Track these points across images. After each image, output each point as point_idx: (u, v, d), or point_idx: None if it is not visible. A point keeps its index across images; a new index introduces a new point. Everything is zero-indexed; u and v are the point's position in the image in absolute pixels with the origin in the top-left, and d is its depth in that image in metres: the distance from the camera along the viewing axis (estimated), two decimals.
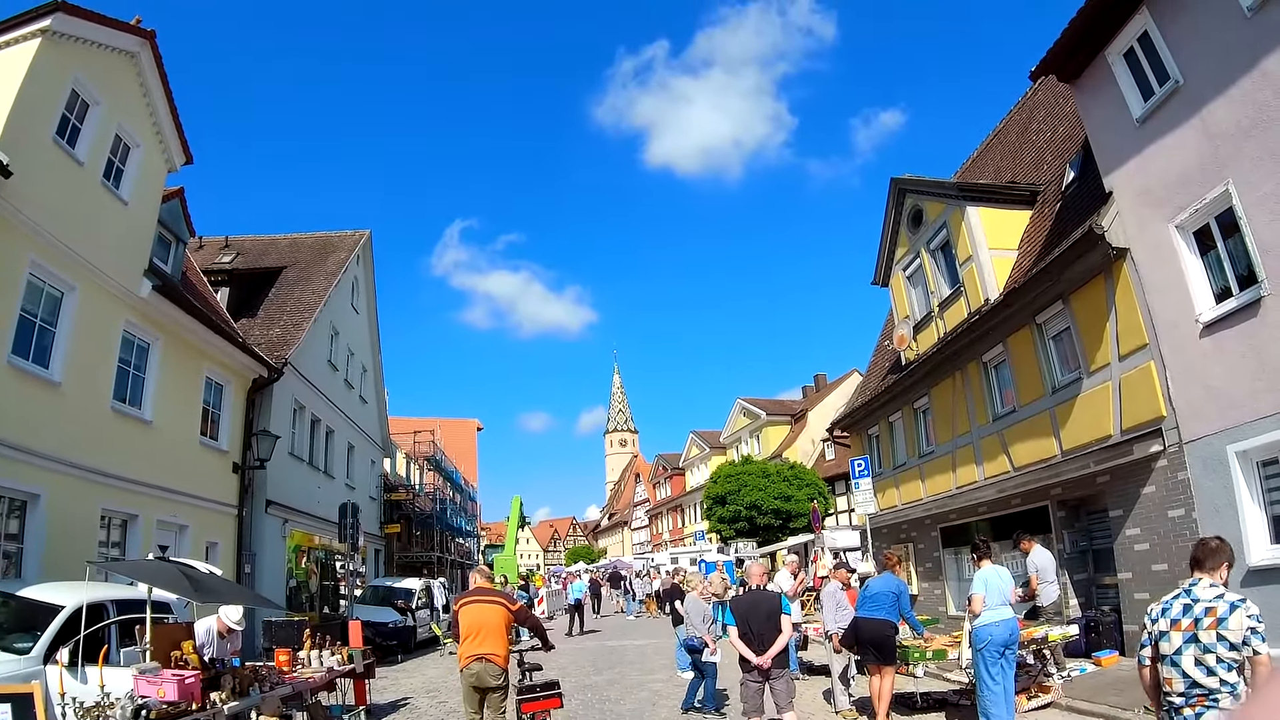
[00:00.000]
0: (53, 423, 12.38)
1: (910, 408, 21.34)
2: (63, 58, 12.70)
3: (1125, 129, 12.50)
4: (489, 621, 8.01)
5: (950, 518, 19.40)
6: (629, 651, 19.98)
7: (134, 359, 14.95)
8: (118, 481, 13.89)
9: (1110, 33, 12.46)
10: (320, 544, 23.27)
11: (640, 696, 13.03)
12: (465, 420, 69.47)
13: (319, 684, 10.34)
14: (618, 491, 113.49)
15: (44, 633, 8.22)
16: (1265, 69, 9.90)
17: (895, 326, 21.33)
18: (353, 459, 28.95)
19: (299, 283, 25.28)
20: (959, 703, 10.56)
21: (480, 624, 8.00)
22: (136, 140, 14.84)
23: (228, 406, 18.71)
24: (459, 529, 50.49)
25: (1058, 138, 17.50)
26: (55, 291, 12.75)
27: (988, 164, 21.57)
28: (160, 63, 15.11)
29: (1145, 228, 12.14)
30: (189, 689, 7.08)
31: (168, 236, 16.93)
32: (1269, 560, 10.26)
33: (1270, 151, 9.90)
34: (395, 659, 19.90)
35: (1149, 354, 12.24)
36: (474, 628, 8.01)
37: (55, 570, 11.10)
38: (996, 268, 16.56)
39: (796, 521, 36.59)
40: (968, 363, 17.82)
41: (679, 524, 71.67)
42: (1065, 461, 14.21)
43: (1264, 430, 10.21)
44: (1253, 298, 10.31)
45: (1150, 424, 12.21)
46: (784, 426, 56.10)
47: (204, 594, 8.67)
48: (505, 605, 8.25)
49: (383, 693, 13.98)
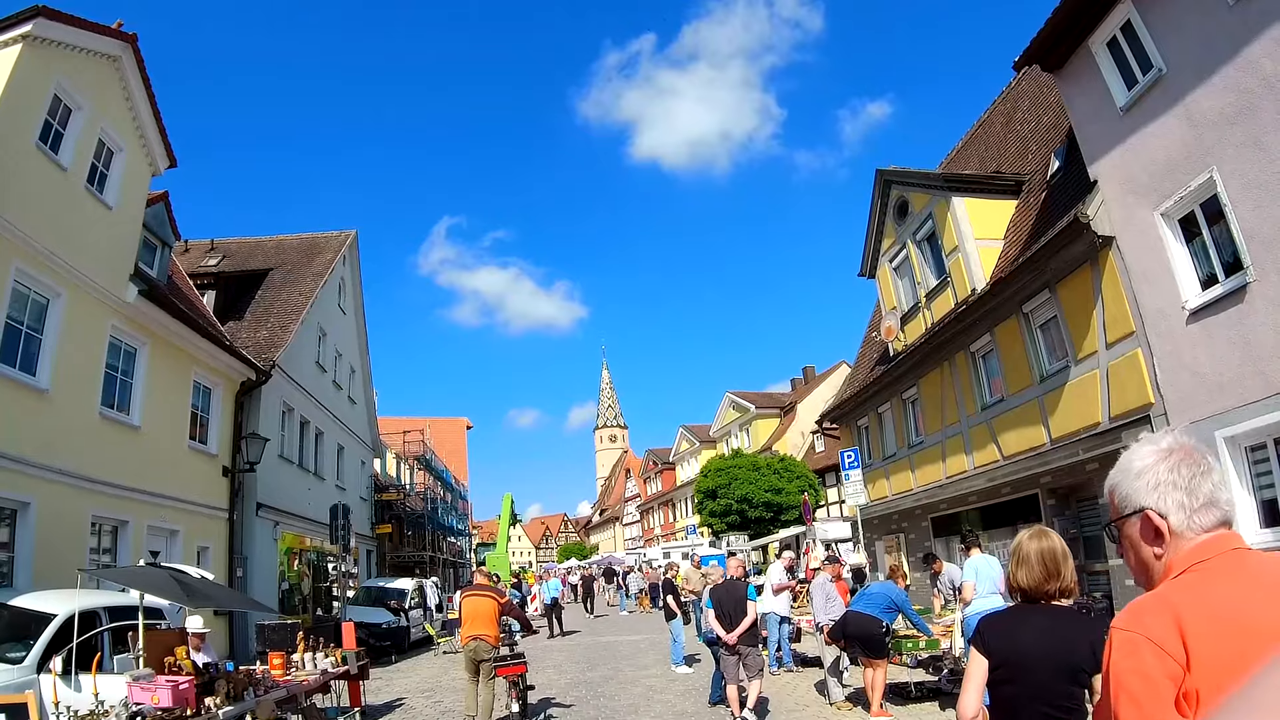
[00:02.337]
0: (41, 430, 12.30)
1: (899, 399, 21.40)
2: (45, 62, 12.60)
3: (1109, 118, 12.55)
4: (483, 610, 10.49)
5: (941, 507, 19.47)
6: (623, 647, 20.00)
7: (121, 364, 14.87)
8: (108, 488, 13.81)
9: (1093, 22, 12.50)
10: (312, 546, 23.20)
11: (635, 692, 13.05)
12: (455, 419, 69.33)
13: (313, 686, 10.35)
14: (608, 487, 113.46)
15: (37, 641, 8.18)
16: (1248, 56, 9.95)
17: (883, 318, 21.39)
18: (343, 460, 28.86)
19: (286, 284, 25.15)
20: (952, 690, 10.60)
21: (476, 612, 10.50)
22: (120, 144, 14.75)
23: (216, 410, 18.63)
24: (450, 528, 50.43)
25: (1042, 127, 17.55)
26: (41, 298, 12.66)
27: (973, 154, 21.62)
28: (143, 66, 15.01)
29: (1131, 216, 12.20)
30: (183, 695, 7.06)
31: (153, 240, 16.83)
32: (1259, 546, 10.31)
33: (1254, 139, 9.96)
34: (389, 660, 19.87)
35: (1136, 342, 12.30)
36: (471, 614, 10.56)
37: (46, 578, 11.02)
38: (983, 258, 16.62)
39: (787, 514, 36.65)
40: (955, 353, 17.88)
41: (670, 519, 71.74)
42: (1054, 450, 14.28)
43: (1252, 415, 10.29)
44: (1238, 284, 10.38)
45: (1138, 411, 12.28)
46: (773, 419, 56.21)
47: (196, 599, 8.67)
48: (495, 599, 10.73)
49: (377, 694, 13.97)
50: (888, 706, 10.05)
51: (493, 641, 10.40)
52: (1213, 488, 1.75)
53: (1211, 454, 1.80)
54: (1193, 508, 1.74)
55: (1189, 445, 1.81)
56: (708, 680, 12.34)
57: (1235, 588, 1.59)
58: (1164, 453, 1.81)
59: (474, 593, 10.94)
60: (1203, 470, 1.77)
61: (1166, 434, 1.85)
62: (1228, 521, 1.75)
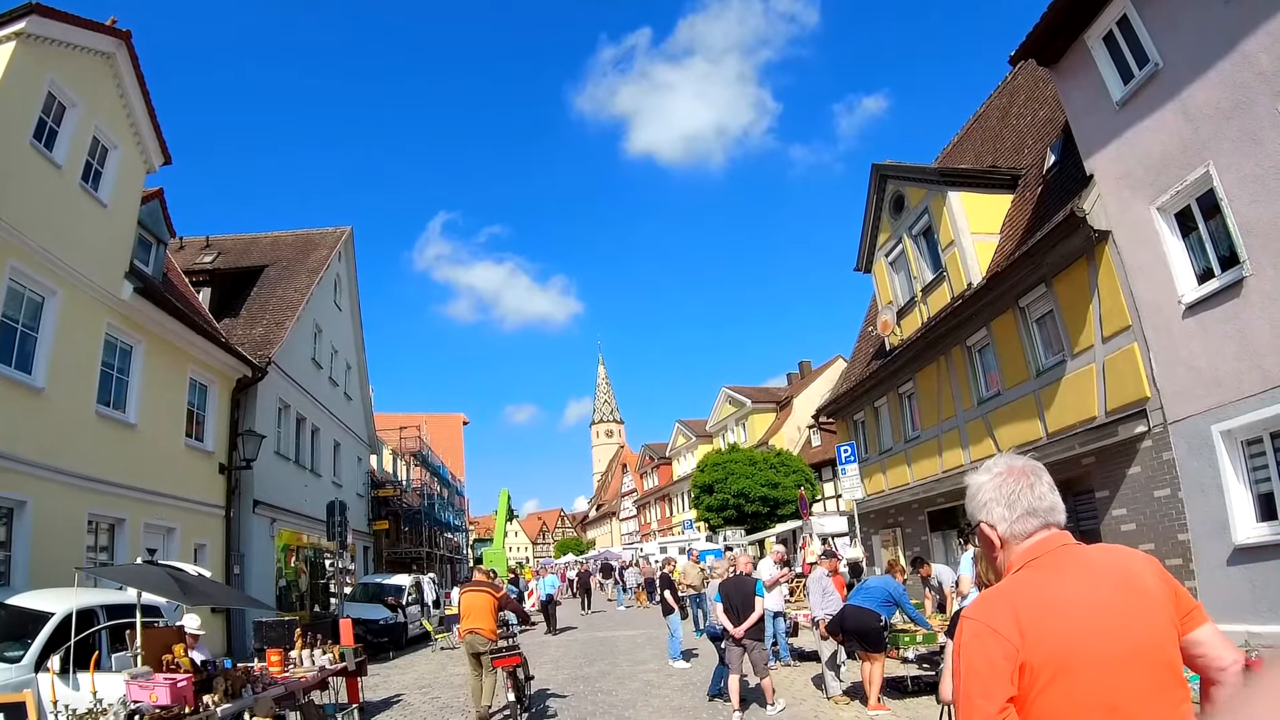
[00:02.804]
0: (38, 429, 12.29)
1: (895, 393, 21.41)
2: (38, 60, 12.56)
3: (1105, 112, 12.55)
4: (479, 605, 10.98)
5: (937, 501, 19.49)
6: (620, 642, 20.00)
7: (117, 362, 14.85)
8: (104, 486, 13.80)
9: (1089, 16, 12.49)
10: (309, 543, 23.19)
11: (633, 687, 13.06)
12: (451, 415, 69.50)
13: (311, 683, 10.35)
14: (605, 482, 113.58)
15: (34, 640, 8.18)
16: (1245, 51, 9.95)
17: (879, 312, 21.38)
18: (339, 456, 28.86)
19: (281, 281, 25.14)
20: None
21: (473, 607, 11.01)
22: (114, 141, 14.71)
23: (212, 407, 18.61)
24: (447, 524, 50.46)
25: (1038, 121, 17.54)
26: (36, 296, 12.64)
27: (969, 149, 21.60)
28: (137, 63, 14.97)
29: (1127, 210, 12.20)
30: (181, 692, 7.06)
31: (148, 238, 16.82)
32: (1255, 539, 10.36)
33: (1250, 133, 9.97)
34: (387, 656, 19.85)
35: (1132, 336, 12.31)
36: (468, 609, 11.08)
37: (44, 577, 11.02)
38: (979, 252, 16.62)
39: (784, 508, 36.70)
40: (952, 347, 17.88)
41: (667, 513, 71.76)
42: (1051, 443, 14.29)
43: (1248, 409, 10.30)
44: (1235, 278, 10.39)
45: (1135, 405, 12.30)
46: (770, 414, 56.21)
47: (193, 596, 8.67)
48: (491, 594, 11.18)
49: (375, 690, 13.96)
50: (885, 700, 10.09)
51: (488, 635, 10.82)
52: (1032, 499, 2.17)
53: (1037, 471, 2.22)
54: (1012, 519, 2.16)
55: (1016, 466, 2.23)
56: (706, 675, 12.39)
57: (1059, 577, 2.04)
58: (993, 475, 2.24)
59: (471, 589, 11.44)
60: (1023, 486, 2.19)
61: (1001, 458, 2.28)
62: (1049, 525, 2.15)
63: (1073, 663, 1.90)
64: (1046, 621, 1.95)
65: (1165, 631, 2.01)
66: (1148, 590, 2.05)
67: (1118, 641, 1.93)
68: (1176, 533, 11.62)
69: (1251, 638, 9.84)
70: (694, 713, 10.83)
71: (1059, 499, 2.21)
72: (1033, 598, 2.00)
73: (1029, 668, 1.92)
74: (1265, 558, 10.19)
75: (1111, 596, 2.01)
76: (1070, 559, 2.11)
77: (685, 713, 10.87)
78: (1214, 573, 10.97)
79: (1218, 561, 10.90)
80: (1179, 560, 11.52)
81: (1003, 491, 2.20)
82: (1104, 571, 2.09)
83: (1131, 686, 1.91)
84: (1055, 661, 1.90)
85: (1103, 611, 1.98)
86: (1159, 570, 2.13)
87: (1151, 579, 2.09)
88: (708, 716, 10.53)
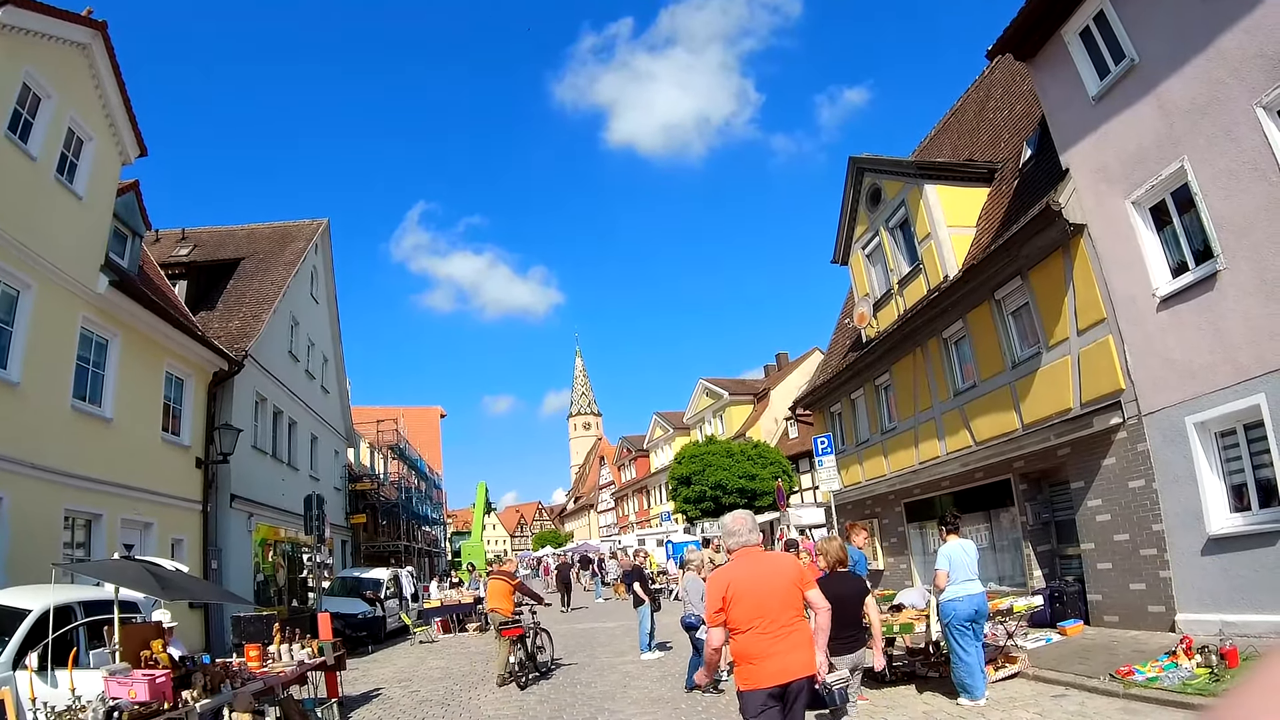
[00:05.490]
0: (12, 424, 12.16)
1: (872, 385, 21.53)
2: (13, 51, 12.41)
3: (1082, 107, 12.66)
4: (498, 590, 14.18)
5: (914, 492, 19.65)
6: (599, 634, 20.06)
7: (93, 356, 14.70)
8: (80, 481, 13.68)
9: (1067, 11, 12.58)
10: (286, 537, 22.98)
11: (612, 679, 13.10)
12: (429, 408, 69.21)
13: (290, 678, 10.32)
14: (583, 475, 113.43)
15: (11, 638, 8.09)
16: (1220, 47, 10.05)
17: (856, 304, 21.49)
18: (316, 450, 28.74)
19: (257, 274, 24.98)
20: (927, 675, 10.72)
21: (494, 590, 14.29)
22: (89, 133, 14.56)
23: (189, 401, 18.48)
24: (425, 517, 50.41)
25: (1015, 115, 17.66)
26: (10, 290, 12.50)
27: (945, 142, 21.72)
28: (112, 54, 14.81)
29: (1102, 204, 12.32)
30: (160, 688, 7.03)
31: (123, 230, 16.68)
32: (1228, 529, 10.51)
33: (1225, 129, 10.08)
34: (366, 650, 19.86)
35: (1107, 328, 12.44)
36: (491, 593, 14.39)
37: (20, 574, 10.94)
38: (955, 245, 16.72)
39: (761, 500, 36.76)
40: (928, 339, 18.00)
41: (645, 505, 71.79)
42: (1026, 435, 14.42)
43: (1221, 401, 10.44)
44: (1209, 272, 10.51)
45: (1109, 397, 12.43)
46: (747, 406, 56.27)
47: (171, 591, 8.60)
48: (508, 581, 14.31)
49: (354, 684, 13.95)
50: (864, 691, 10.14)
51: (505, 613, 13.79)
52: (740, 531, 5.24)
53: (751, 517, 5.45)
54: (728, 541, 5.29)
55: (740, 515, 5.37)
56: (683, 666, 12.45)
57: (742, 563, 5.10)
58: (735, 519, 5.31)
59: (495, 576, 14.90)
60: (739, 527, 5.24)
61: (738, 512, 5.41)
62: (747, 543, 5.20)
63: (742, 594, 4.89)
64: (735, 584, 4.94)
65: (788, 587, 4.94)
66: (782, 570, 5.05)
67: (761, 586, 4.91)
68: (1151, 523, 11.75)
69: (1226, 627, 10.02)
70: (673, 704, 10.86)
71: (757, 533, 5.31)
72: (732, 572, 5.04)
73: (728, 597, 4.92)
74: (1238, 548, 10.34)
75: (763, 571, 5.00)
76: (750, 556, 5.13)
77: (664, 704, 10.91)
78: (1188, 563, 11.12)
79: (1192, 552, 11.04)
80: (1154, 550, 11.67)
81: (728, 528, 5.30)
82: (763, 561, 5.10)
83: (767, 604, 4.85)
84: (735, 592, 4.91)
85: (757, 576, 4.96)
86: (794, 562, 5.33)
87: (786, 566, 5.13)
88: (686, 707, 10.56)
